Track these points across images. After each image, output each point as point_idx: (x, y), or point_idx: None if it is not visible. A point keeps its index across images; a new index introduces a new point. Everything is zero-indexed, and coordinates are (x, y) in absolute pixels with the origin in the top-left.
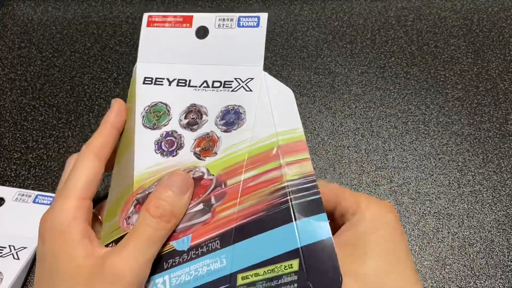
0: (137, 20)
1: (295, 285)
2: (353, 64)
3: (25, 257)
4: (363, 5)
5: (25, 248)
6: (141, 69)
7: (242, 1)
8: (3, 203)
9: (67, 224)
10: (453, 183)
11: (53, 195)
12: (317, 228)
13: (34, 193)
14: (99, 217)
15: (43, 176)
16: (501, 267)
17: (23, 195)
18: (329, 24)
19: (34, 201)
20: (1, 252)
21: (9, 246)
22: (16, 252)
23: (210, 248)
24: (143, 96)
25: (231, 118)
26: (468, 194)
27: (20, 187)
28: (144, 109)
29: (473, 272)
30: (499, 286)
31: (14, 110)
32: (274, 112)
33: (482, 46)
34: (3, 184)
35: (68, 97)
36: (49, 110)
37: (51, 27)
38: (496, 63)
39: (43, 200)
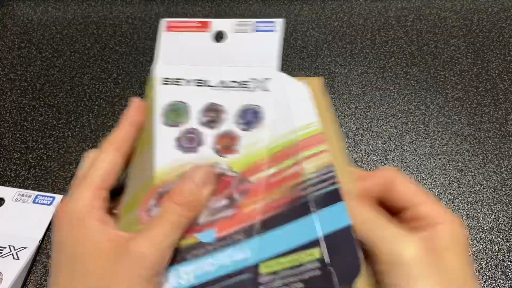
0: (137, 20)
1: (317, 271)
2: (353, 64)
3: (25, 257)
4: (363, 5)
5: (25, 248)
6: (159, 71)
7: (242, 1)
8: (3, 203)
9: (84, 212)
10: (453, 183)
11: (53, 195)
12: (337, 217)
13: (34, 193)
14: (114, 211)
15: (43, 176)
16: (501, 267)
17: (23, 195)
18: (329, 24)
19: (34, 201)
20: (1, 252)
21: (9, 246)
22: (16, 252)
23: (234, 240)
24: (162, 95)
25: (250, 117)
26: (468, 194)
27: (20, 187)
28: (163, 107)
29: None
30: (499, 286)
31: (14, 110)
32: (291, 109)
33: (482, 46)
34: (3, 184)
35: (68, 97)
36: (49, 110)
37: (51, 27)
38: (496, 63)
39: (43, 200)
